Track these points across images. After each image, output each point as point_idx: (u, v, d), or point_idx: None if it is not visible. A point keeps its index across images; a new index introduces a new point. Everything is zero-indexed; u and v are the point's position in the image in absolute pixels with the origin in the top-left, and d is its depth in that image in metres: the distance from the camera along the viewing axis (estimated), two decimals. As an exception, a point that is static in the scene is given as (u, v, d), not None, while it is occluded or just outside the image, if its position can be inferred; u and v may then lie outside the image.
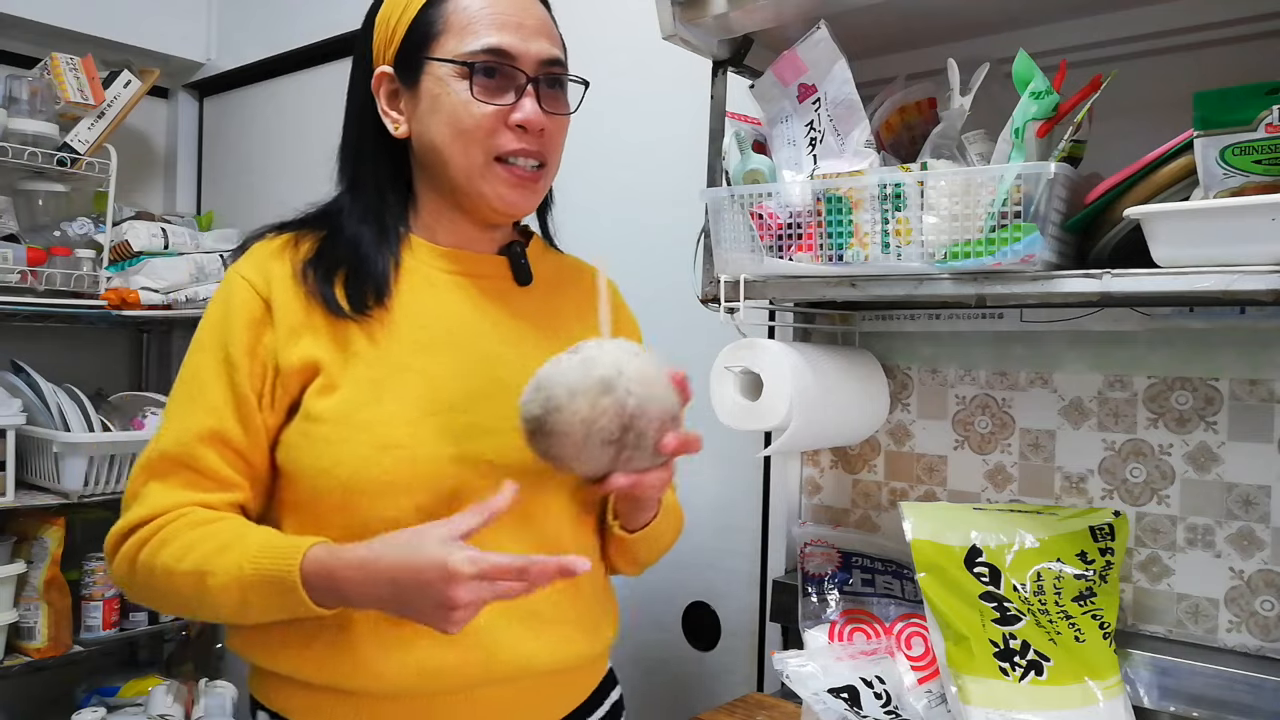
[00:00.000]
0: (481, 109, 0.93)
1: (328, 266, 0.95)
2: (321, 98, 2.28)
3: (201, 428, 0.91)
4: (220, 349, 0.93)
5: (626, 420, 0.80)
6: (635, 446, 0.81)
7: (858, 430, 1.29)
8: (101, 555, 2.14)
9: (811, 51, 1.07)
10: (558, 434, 0.80)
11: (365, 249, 0.96)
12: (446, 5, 0.95)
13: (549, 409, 0.80)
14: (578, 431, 0.79)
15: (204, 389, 0.92)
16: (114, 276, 2.17)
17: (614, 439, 0.80)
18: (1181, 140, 0.88)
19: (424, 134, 0.96)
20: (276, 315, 0.93)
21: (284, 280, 0.94)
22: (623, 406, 0.79)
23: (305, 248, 0.97)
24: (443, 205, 1.00)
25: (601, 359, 0.81)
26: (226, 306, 0.94)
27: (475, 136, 0.93)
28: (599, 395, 0.79)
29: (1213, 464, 1.12)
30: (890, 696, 1.10)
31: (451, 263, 1.00)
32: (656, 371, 0.83)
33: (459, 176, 0.95)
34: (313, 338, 0.92)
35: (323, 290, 0.93)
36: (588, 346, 0.83)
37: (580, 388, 0.79)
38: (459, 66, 0.93)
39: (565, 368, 0.81)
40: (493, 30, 0.93)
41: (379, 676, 0.91)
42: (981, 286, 0.97)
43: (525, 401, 0.82)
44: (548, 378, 0.81)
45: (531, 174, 0.96)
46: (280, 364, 0.92)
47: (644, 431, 0.81)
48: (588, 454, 0.82)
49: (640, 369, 0.81)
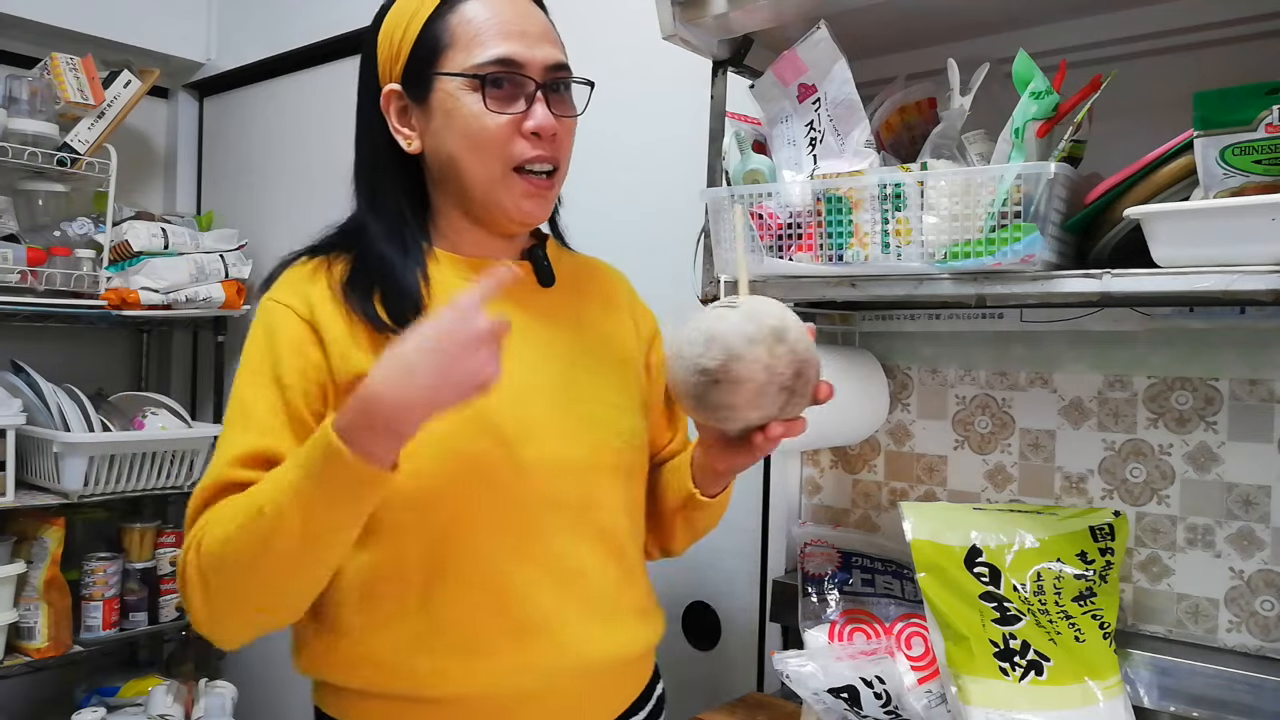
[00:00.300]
0: (495, 120, 0.94)
1: (364, 286, 0.96)
2: (322, 98, 2.28)
3: (254, 449, 0.90)
4: (269, 374, 0.93)
5: (799, 366, 0.83)
6: (801, 393, 0.85)
7: (858, 430, 1.29)
8: (101, 555, 2.15)
9: (811, 51, 1.07)
10: (739, 382, 0.82)
11: (394, 267, 0.97)
12: (450, 19, 0.95)
13: (731, 357, 0.82)
14: (760, 377, 0.82)
15: (254, 413, 0.92)
16: (114, 276, 2.17)
17: (788, 385, 0.83)
18: (1181, 140, 0.88)
19: (439, 149, 0.97)
20: (324, 335, 0.94)
21: (324, 301, 0.95)
22: (795, 352, 0.83)
23: (339, 269, 0.98)
24: (461, 218, 1.01)
25: (766, 309, 0.84)
26: (270, 334, 0.95)
27: (491, 148, 0.94)
28: (775, 342, 0.82)
29: (1213, 464, 1.12)
30: (890, 696, 1.10)
31: (476, 272, 1.01)
32: (802, 323, 0.87)
33: (477, 189, 0.96)
34: (362, 354, 0.94)
35: (364, 308, 0.94)
36: (742, 301, 0.86)
37: (757, 336, 0.82)
38: (469, 79, 0.94)
39: (735, 320, 0.83)
40: (499, 40, 0.94)
41: (456, 683, 0.92)
42: (981, 286, 0.97)
43: (698, 355, 0.83)
44: (720, 330, 0.83)
45: (546, 181, 0.98)
46: (336, 380, 0.93)
47: (809, 378, 0.85)
48: (764, 400, 0.84)
49: (797, 320, 0.85)
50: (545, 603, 0.94)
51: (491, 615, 0.93)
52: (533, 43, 0.95)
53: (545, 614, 0.94)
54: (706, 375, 0.83)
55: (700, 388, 0.84)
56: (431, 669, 0.92)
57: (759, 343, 0.82)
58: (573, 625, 0.95)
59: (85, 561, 2.13)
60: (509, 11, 0.96)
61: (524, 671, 0.94)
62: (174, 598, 2.29)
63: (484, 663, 0.92)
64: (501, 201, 0.96)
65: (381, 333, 0.94)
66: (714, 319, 0.84)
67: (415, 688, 0.93)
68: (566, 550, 0.96)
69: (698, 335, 0.84)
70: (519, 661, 0.93)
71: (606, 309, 1.10)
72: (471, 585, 0.93)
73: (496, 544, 0.93)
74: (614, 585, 0.99)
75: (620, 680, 1.02)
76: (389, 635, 0.92)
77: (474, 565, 0.93)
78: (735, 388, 0.82)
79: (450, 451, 0.91)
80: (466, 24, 0.95)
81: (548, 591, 0.94)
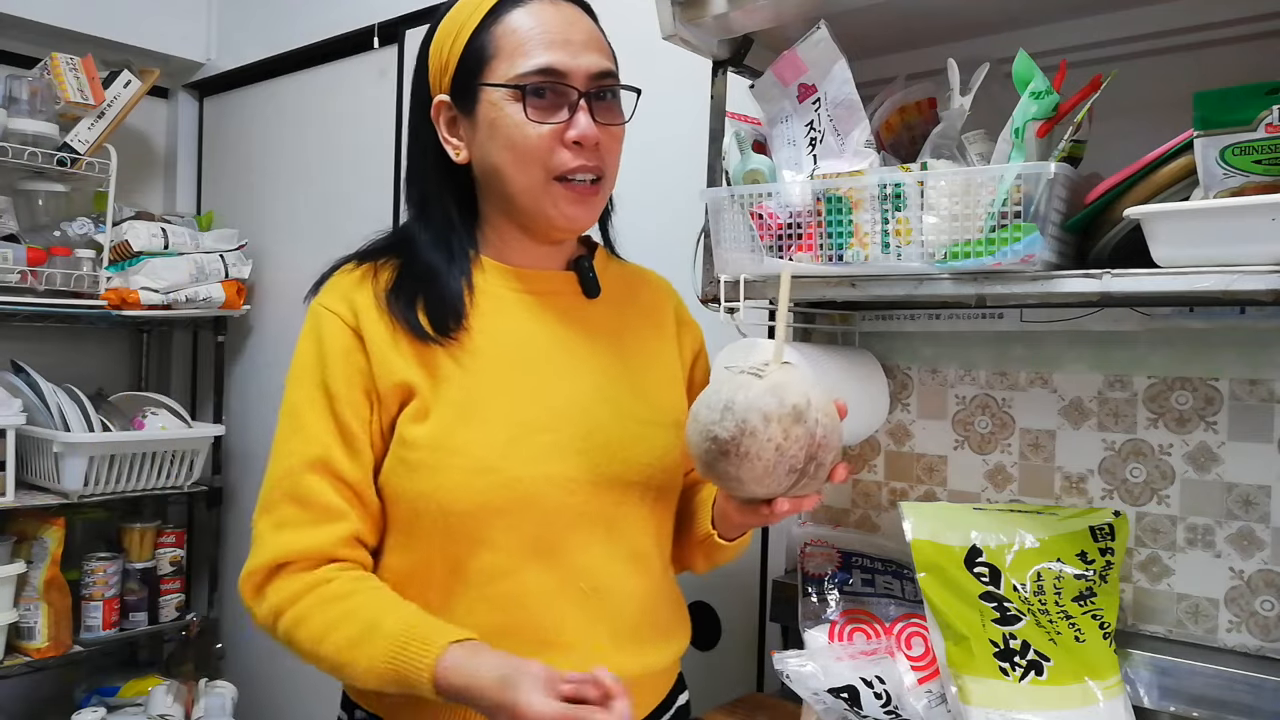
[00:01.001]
0: (537, 129, 0.94)
1: (408, 293, 0.97)
2: (321, 98, 2.27)
3: (305, 457, 0.93)
4: (318, 381, 0.95)
5: (814, 450, 0.82)
6: (813, 475, 0.83)
7: (858, 430, 1.29)
8: (101, 555, 2.15)
9: (811, 51, 1.07)
10: (748, 458, 0.81)
11: (439, 275, 0.98)
12: (496, 29, 0.95)
13: (743, 432, 0.80)
14: (770, 457, 0.81)
15: (304, 422, 0.95)
16: (114, 276, 2.17)
17: (799, 467, 0.82)
18: (1181, 140, 0.88)
19: (485, 159, 0.97)
20: (368, 343, 0.95)
21: (369, 309, 0.97)
22: (812, 436, 0.81)
23: (385, 277, 0.99)
24: (509, 226, 1.02)
25: (791, 386, 0.82)
26: (318, 341, 0.97)
27: (533, 157, 0.95)
28: (793, 424, 0.81)
29: (1213, 464, 1.12)
30: (890, 696, 1.10)
31: (521, 282, 1.02)
32: (831, 402, 0.85)
33: (521, 197, 0.97)
34: (403, 362, 0.95)
35: (406, 316, 0.96)
36: (771, 371, 0.84)
37: (775, 414, 0.80)
38: (511, 90, 0.94)
39: (757, 393, 0.81)
40: (541, 49, 0.94)
41: None
42: (981, 286, 0.97)
43: (712, 423, 0.82)
44: (739, 402, 0.81)
45: (590, 188, 0.98)
46: (379, 387, 0.95)
47: (824, 462, 0.83)
48: (771, 479, 0.83)
49: (823, 400, 0.83)
50: (567, 618, 0.95)
51: (510, 626, 0.94)
52: (577, 51, 0.95)
53: (565, 629, 0.95)
54: (717, 444, 0.82)
55: (710, 455, 0.83)
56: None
57: (775, 421, 0.80)
58: (593, 642, 0.96)
59: (85, 561, 2.13)
60: (554, 20, 0.96)
61: None
62: (174, 598, 2.29)
63: None
64: (545, 210, 0.97)
65: (423, 341, 0.95)
66: (737, 386, 0.83)
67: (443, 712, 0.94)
68: (590, 567, 0.96)
69: (717, 400, 0.83)
70: None
71: (650, 322, 1.11)
72: (493, 596, 0.94)
73: (520, 558, 0.94)
74: (637, 603, 1.00)
75: (642, 692, 1.02)
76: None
77: (496, 577, 0.94)
78: (743, 462, 0.81)
79: (482, 467, 0.93)
80: (511, 34, 0.95)
81: (569, 607, 0.95)
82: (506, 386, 0.96)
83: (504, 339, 0.99)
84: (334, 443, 0.94)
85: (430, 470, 0.93)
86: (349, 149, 2.19)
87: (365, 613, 0.89)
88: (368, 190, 2.13)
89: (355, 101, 2.16)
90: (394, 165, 2.07)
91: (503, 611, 0.94)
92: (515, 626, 0.94)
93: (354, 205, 2.17)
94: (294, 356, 0.99)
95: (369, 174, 2.12)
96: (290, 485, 0.93)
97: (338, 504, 0.93)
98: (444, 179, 1.01)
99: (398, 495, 0.95)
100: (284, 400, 0.98)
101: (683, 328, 1.15)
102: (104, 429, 2.05)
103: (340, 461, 0.93)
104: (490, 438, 0.93)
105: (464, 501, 0.91)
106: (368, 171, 2.12)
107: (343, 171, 2.21)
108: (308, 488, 0.93)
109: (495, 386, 0.96)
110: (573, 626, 0.95)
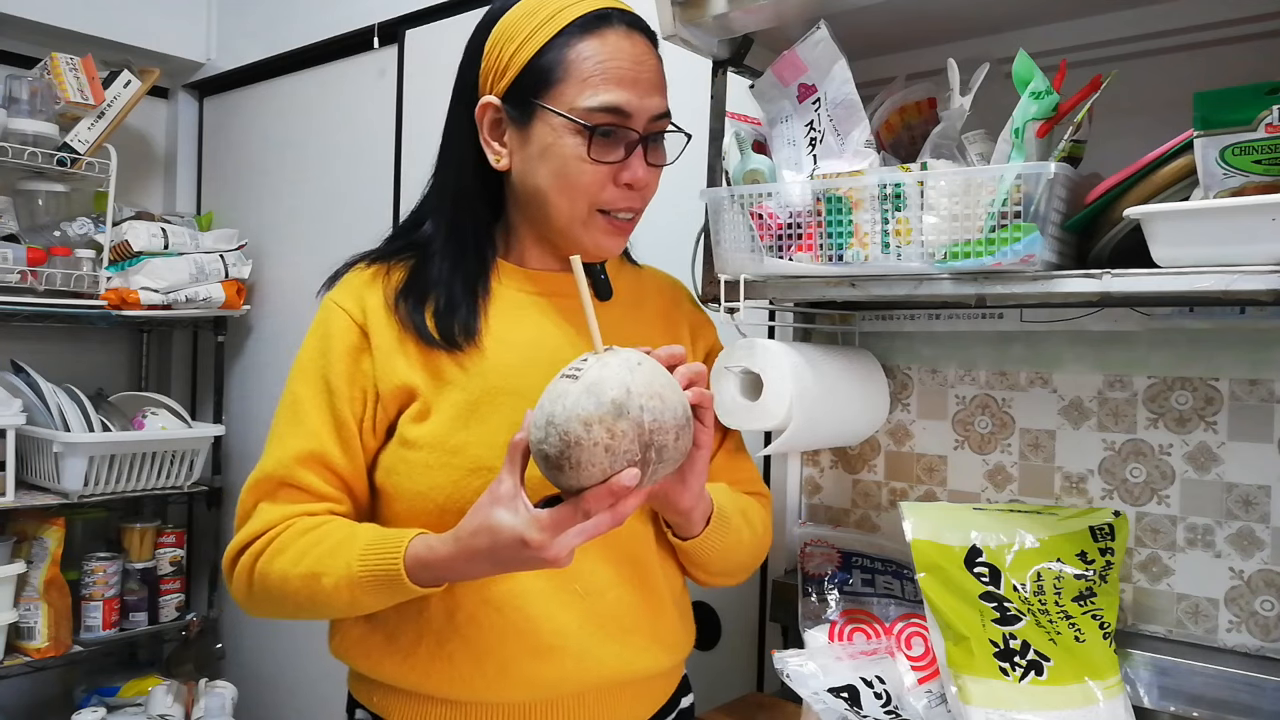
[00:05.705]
0: (594, 169, 0.94)
1: (419, 296, 0.97)
2: (321, 98, 2.27)
3: (301, 450, 0.95)
4: (320, 376, 0.96)
5: (646, 438, 0.78)
6: (658, 460, 0.80)
7: (858, 430, 1.29)
8: (101, 555, 2.15)
9: (811, 51, 1.07)
10: (581, 466, 0.77)
11: (454, 283, 0.98)
12: (567, 52, 0.93)
13: (568, 444, 0.76)
14: (602, 460, 0.77)
15: (304, 414, 0.96)
16: (114, 276, 2.17)
17: (637, 459, 0.78)
18: (1181, 140, 0.88)
19: (528, 176, 0.97)
20: (374, 342, 0.96)
21: (378, 309, 0.97)
22: (640, 425, 0.77)
23: (396, 277, 0.99)
24: (532, 236, 1.02)
25: (606, 380, 0.78)
26: (325, 335, 0.98)
27: (583, 192, 0.95)
28: (615, 420, 0.76)
29: (1213, 464, 1.12)
30: (890, 696, 1.10)
31: (534, 284, 1.02)
32: (661, 377, 0.81)
33: (560, 222, 0.97)
34: (407, 363, 0.96)
35: (414, 320, 0.96)
36: (588, 368, 0.79)
37: (595, 416, 0.76)
38: (577, 124, 0.92)
39: (574, 398, 0.77)
40: (612, 86, 0.93)
41: (476, 688, 0.95)
42: (981, 286, 0.97)
43: (538, 440, 0.79)
44: (556, 413, 0.77)
45: (627, 224, 0.99)
46: (380, 389, 0.96)
47: (664, 444, 0.79)
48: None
49: (646, 381, 0.79)
50: (561, 619, 0.95)
51: (507, 627, 0.94)
52: (644, 92, 0.95)
53: (559, 630, 0.95)
54: (549, 462, 0.78)
55: (548, 471, 0.79)
56: (450, 670, 0.95)
57: (596, 423, 0.76)
58: (587, 642, 0.96)
59: (85, 561, 2.13)
60: (626, 55, 0.94)
61: (538, 683, 0.95)
62: (174, 598, 2.29)
63: (497, 672, 0.94)
64: (580, 239, 0.97)
65: (430, 346, 0.95)
66: (556, 396, 0.78)
67: (433, 687, 0.95)
68: (584, 570, 0.97)
69: (541, 416, 0.79)
70: (532, 673, 0.94)
71: (661, 323, 1.11)
72: (489, 596, 0.94)
73: None
74: (633, 608, 0.99)
75: (636, 696, 1.03)
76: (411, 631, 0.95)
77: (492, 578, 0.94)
78: (579, 472, 0.77)
79: (480, 466, 0.93)
80: (582, 61, 0.93)
81: (564, 609, 0.95)
82: (511, 388, 0.96)
83: (512, 341, 0.99)
84: (330, 437, 0.95)
85: (428, 469, 0.94)
86: (349, 149, 2.19)
87: (338, 533, 0.92)
88: (367, 190, 2.13)
89: (355, 101, 2.16)
90: (394, 165, 2.07)
91: (498, 611, 0.94)
92: (510, 626, 0.94)
93: (353, 205, 2.17)
94: (301, 347, 1.00)
95: (369, 174, 2.12)
96: (285, 474, 0.95)
97: (331, 494, 0.96)
98: (475, 178, 1.00)
99: (396, 493, 0.96)
100: (286, 388, 0.99)
101: (697, 328, 1.15)
102: (104, 429, 2.05)
103: (334, 456, 0.95)
104: (490, 438, 0.94)
105: (461, 502, 0.92)
106: (367, 172, 2.12)
107: (342, 172, 2.21)
108: (299, 478, 0.95)
109: (499, 388, 0.96)
110: (567, 628, 0.95)
